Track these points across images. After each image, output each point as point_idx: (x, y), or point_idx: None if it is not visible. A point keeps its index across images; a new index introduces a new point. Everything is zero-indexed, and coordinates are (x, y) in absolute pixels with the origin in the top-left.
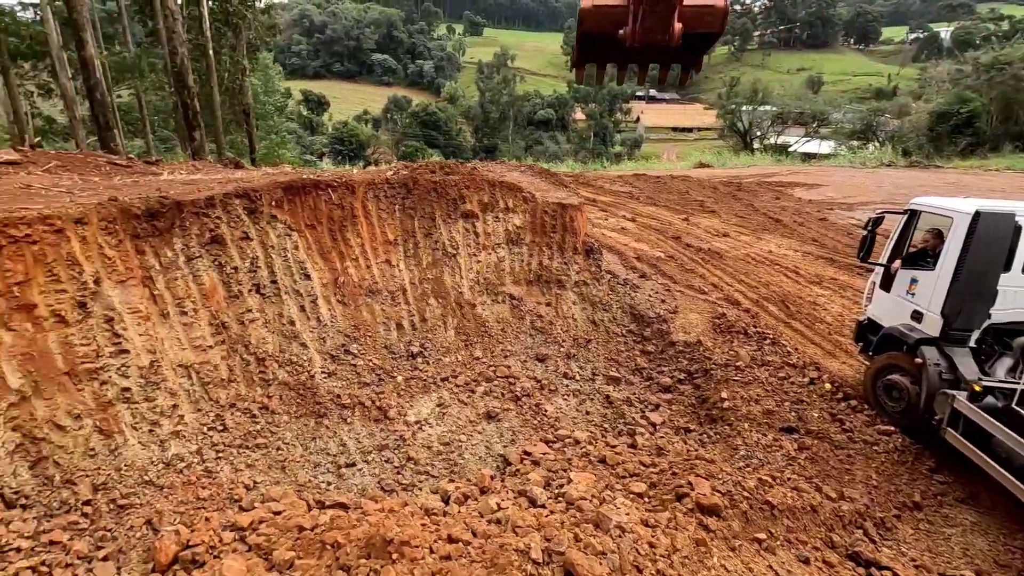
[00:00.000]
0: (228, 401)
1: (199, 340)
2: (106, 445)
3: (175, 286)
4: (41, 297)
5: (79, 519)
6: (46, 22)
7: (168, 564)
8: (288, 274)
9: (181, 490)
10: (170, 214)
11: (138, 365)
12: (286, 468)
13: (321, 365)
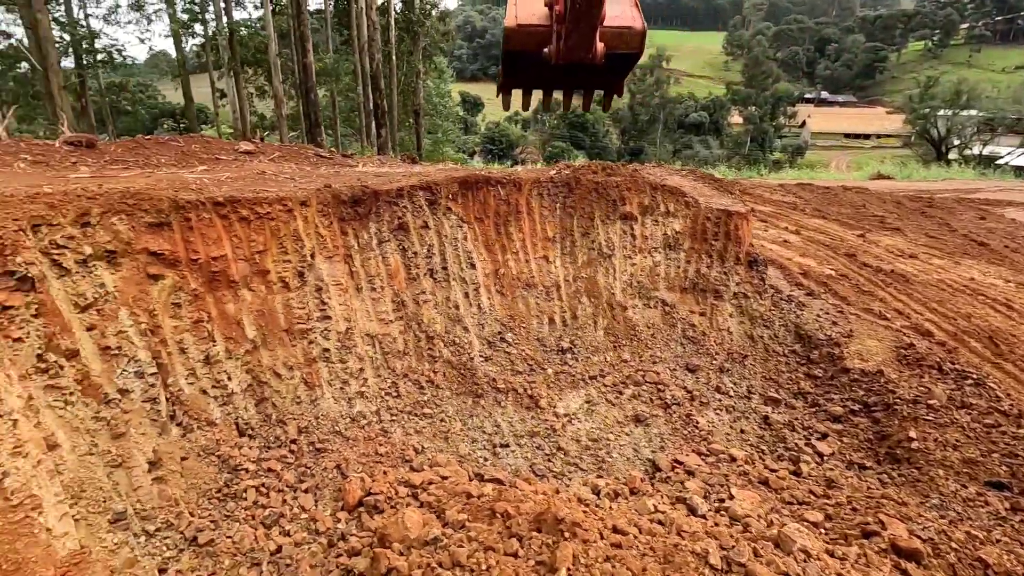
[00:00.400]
0: (402, 371)
1: (383, 314)
2: (309, 395)
3: (368, 265)
4: (273, 265)
5: (287, 454)
6: (268, 34)
7: (354, 505)
8: (457, 262)
9: (363, 444)
10: (369, 201)
11: (337, 331)
12: (448, 439)
13: (479, 349)
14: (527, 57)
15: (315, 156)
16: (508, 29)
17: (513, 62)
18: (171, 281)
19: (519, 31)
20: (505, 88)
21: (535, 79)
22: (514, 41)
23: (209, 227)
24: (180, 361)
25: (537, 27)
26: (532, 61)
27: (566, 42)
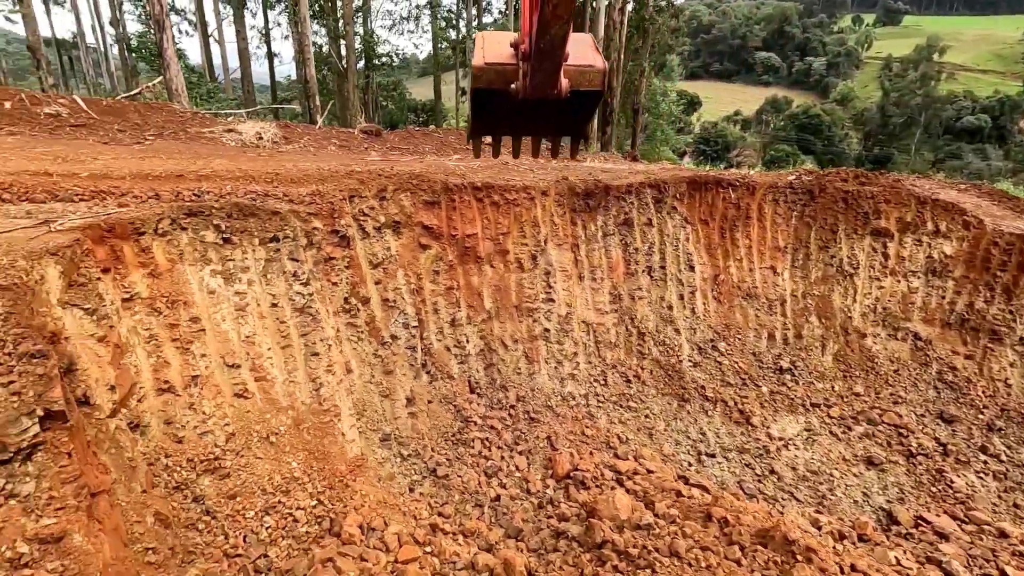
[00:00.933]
0: (612, 362)
1: (600, 304)
2: (528, 368)
3: (592, 256)
4: (512, 246)
5: (506, 416)
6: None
7: (562, 476)
8: (676, 263)
9: (571, 422)
10: (600, 195)
11: (558, 314)
12: (652, 436)
13: (688, 354)
14: (496, 96)
15: (547, 150)
16: (476, 67)
17: (482, 101)
18: (435, 251)
19: (487, 69)
20: (476, 134)
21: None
22: (483, 79)
23: (467, 208)
24: (433, 320)
25: (504, 65)
26: (501, 100)
27: (532, 79)
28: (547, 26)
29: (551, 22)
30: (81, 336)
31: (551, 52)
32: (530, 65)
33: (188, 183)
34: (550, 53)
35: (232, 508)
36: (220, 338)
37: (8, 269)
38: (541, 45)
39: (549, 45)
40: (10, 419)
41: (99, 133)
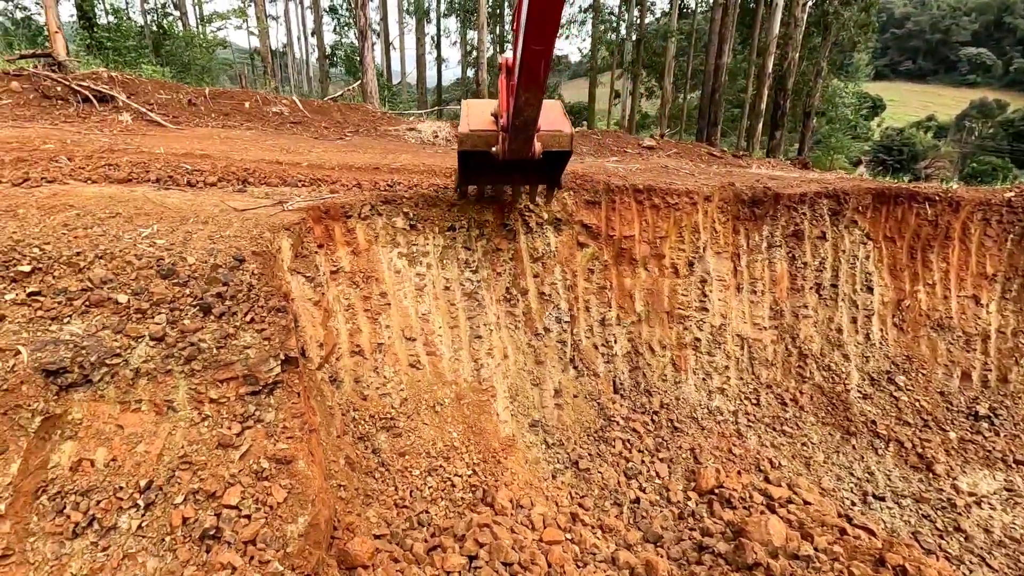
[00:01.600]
0: (767, 381)
1: (758, 319)
2: (674, 376)
3: (754, 267)
4: (669, 251)
5: (649, 421)
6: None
7: (705, 491)
8: (850, 282)
9: (716, 438)
10: (768, 204)
11: (711, 324)
12: (810, 466)
13: (858, 383)
14: (479, 156)
15: (708, 155)
16: (462, 134)
17: (467, 161)
18: (592, 250)
19: (471, 135)
20: (463, 184)
21: (487, 175)
22: (467, 143)
23: (627, 210)
24: (584, 317)
25: (486, 131)
26: (483, 157)
27: (510, 144)
28: (520, 111)
29: (524, 108)
30: (302, 299)
31: (524, 128)
32: (508, 135)
33: (383, 175)
34: (524, 129)
35: (402, 464)
36: (401, 313)
37: (259, 239)
38: (516, 123)
39: (523, 123)
40: (262, 359)
41: (311, 129)
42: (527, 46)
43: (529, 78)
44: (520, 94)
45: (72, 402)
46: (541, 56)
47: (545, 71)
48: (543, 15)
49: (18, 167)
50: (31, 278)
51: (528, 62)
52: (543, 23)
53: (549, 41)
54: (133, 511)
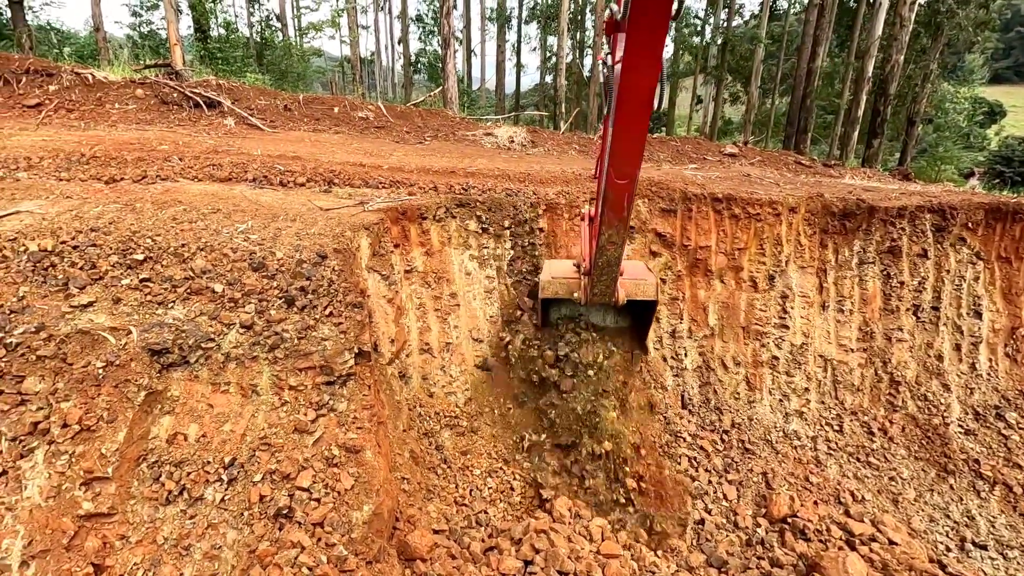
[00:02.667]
0: (851, 407)
1: (844, 340)
2: (747, 395)
3: (842, 284)
4: (747, 263)
5: (718, 440)
6: (759, 40)
7: (777, 519)
8: (955, 306)
9: (792, 464)
10: (861, 217)
11: (791, 342)
12: (898, 503)
13: (959, 416)
14: (560, 302)
15: (795, 163)
16: (544, 281)
17: (548, 307)
18: (665, 259)
19: (553, 281)
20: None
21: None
22: (549, 289)
23: (704, 219)
24: (654, 328)
25: (568, 278)
26: (565, 304)
27: (592, 288)
28: (603, 249)
29: (607, 246)
30: (377, 296)
31: (608, 268)
32: (590, 278)
33: (458, 178)
34: (607, 269)
35: (463, 463)
36: (470, 314)
37: (341, 237)
38: (599, 262)
39: (606, 263)
40: (338, 351)
41: (393, 134)
42: (611, 180)
43: (613, 213)
44: (603, 230)
45: (171, 380)
46: (625, 190)
47: (629, 206)
48: (627, 149)
49: (138, 166)
50: (143, 266)
51: (612, 196)
52: (627, 156)
53: (633, 175)
54: (218, 485)
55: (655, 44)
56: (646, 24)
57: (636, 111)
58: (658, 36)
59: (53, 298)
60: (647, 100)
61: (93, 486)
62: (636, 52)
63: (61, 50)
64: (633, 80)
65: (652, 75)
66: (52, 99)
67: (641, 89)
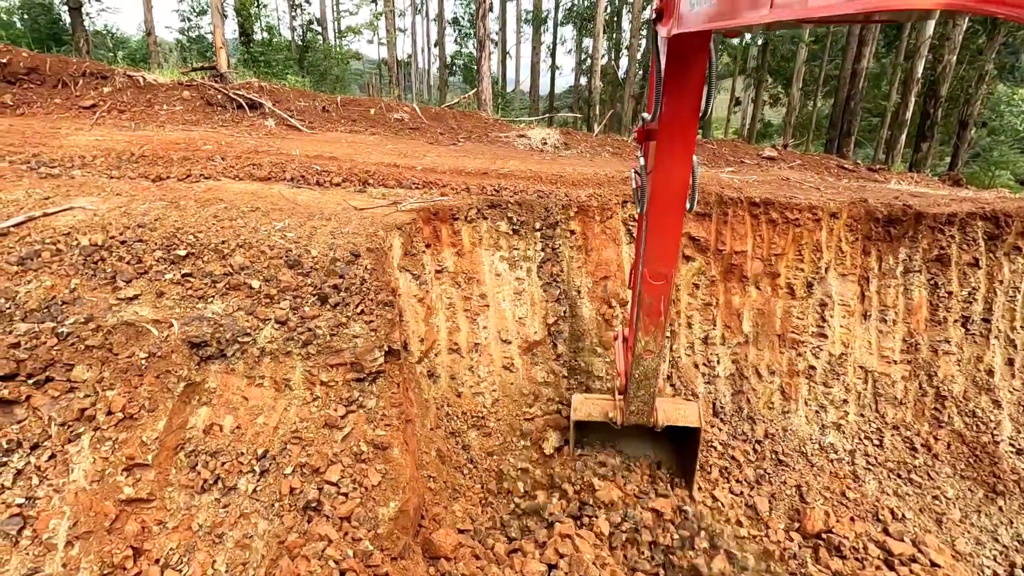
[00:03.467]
0: (893, 421)
1: (887, 351)
2: (782, 405)
3: (885, 293)
4: (785, 270)
5: (750, 451)
6: (800, 41)
7: (812, 534)
8: (1008, 318)
9: (828, 478)
10: (907, 224)
11: (829, 352)
12: (942, 523)
13: (1011, 436)
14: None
15: (837, 167)
16: (576, 400)
17: (582, 430)
18: (698, 264)
19: (587, 401)
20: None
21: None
22: (581, 411)
23: (740, 223)
24: (685, 333)
25: (602, 399)
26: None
27: (628, 406)
28: (640, 359)
29: (643, 355)
30: (408, 295)
31: (645, 381)
32: (625, 396)
33: (490, 179)
34: (644, 382)
35: (490, 464)
36: (499, 315)
37: (374, 236)
38: (636, 375)
39: (643, 376)
40: (368, 349)
41: (427, 135)
42: (646, 281)
43: (649, 317)
44: (639, 337)
45: (209, 372)
46: (661, 292)
47: (666, 309)
48: (662, 249)
49: (183, 165)
50: (185, 261)
51: (648, 298)
52: (663, 256)
53: (669, 275)
54: (250, 476)
55: (686, 147)
56: (678, 129)
57: (669, 213)
58: (688, 138)
59: (102, 290)
60: (680, 202)
61: (134, 472)
62: (668, 156)
63: (116, 54)
64: (665, 183)
65: (683, 178)
66: (106, 100)
67: (673, 192)
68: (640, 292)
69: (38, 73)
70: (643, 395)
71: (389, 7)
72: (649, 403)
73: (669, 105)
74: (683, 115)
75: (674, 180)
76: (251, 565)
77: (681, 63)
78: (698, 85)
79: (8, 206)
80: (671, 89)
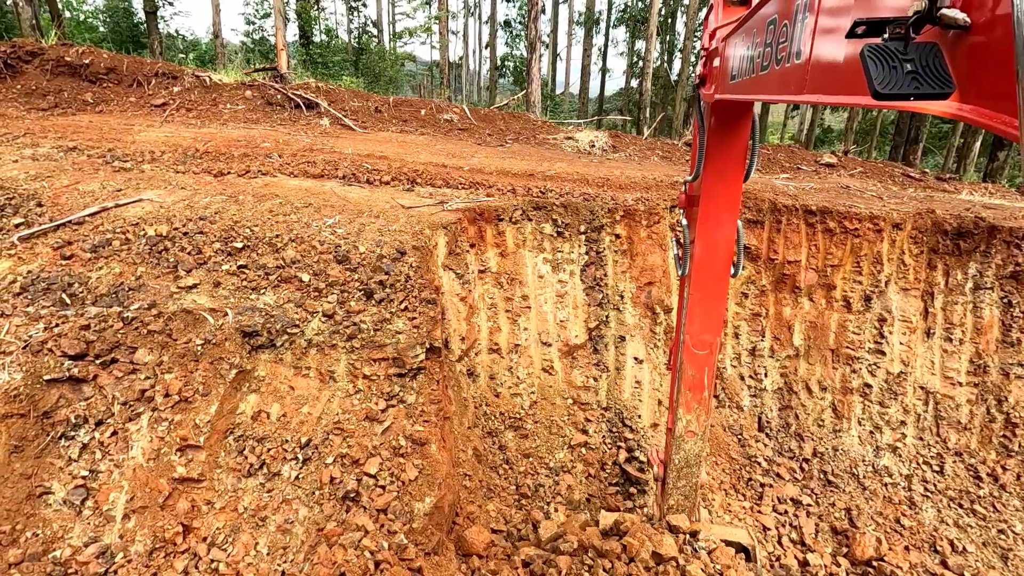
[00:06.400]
0: (956, 447)
1: (952, 372)
2: (832, 423)
3: (952, 310)
4: (841, 282)
5: (796, 468)
6: None
7: (860, 561)
8: None
9: (881, 503)
10: (979, 237)
11: (887, 370)
12: (1008, 559)
13: None
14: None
15: (903, 176)
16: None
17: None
18: (748, 273)
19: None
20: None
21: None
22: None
23: (794, 232)
24: (732, 344)
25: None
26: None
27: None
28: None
29: (685, 438)
30: (451, 294)
31: (687, 470)
32: (663, 485)
33: (536, 181)
34: (686, 471)
35: (526, 466)
36: (540, 317)
37: (420, 234)
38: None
39: (684, 463)
40: (410, 345)
41: (475, 136)
42: (687, 351)
43: (692, 392)
44: (680, 415)
45: (259, 361)
46: (704, 363)
47: (711, 383)
48: (707, 314)
49: (243, 161)
50: (241, 253)
51: (690, 370)
52: (707, 323)
53: (713, 344)
54: (293, 463)
55: (730, 211)
56: (722, 191)
57: (714, 278)
58: (733, 202)
59: (164, 278)
60: (725, 267)
61: (187, 452)
62: (712, 220)
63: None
64: (709, 248)
65: (728, 241)
66: (175, 99)
67: (718, 257)
68: (681, 363)
69: (116, 73)
70: (683, 486)
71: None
72: (691, 496)
73: (712, 168)
74: (727, 178)
75: (719, 244)
76: (291, 550)
77: (724, 127)
78: (742, 149)
79: (85, 196)
80: (714, 153)
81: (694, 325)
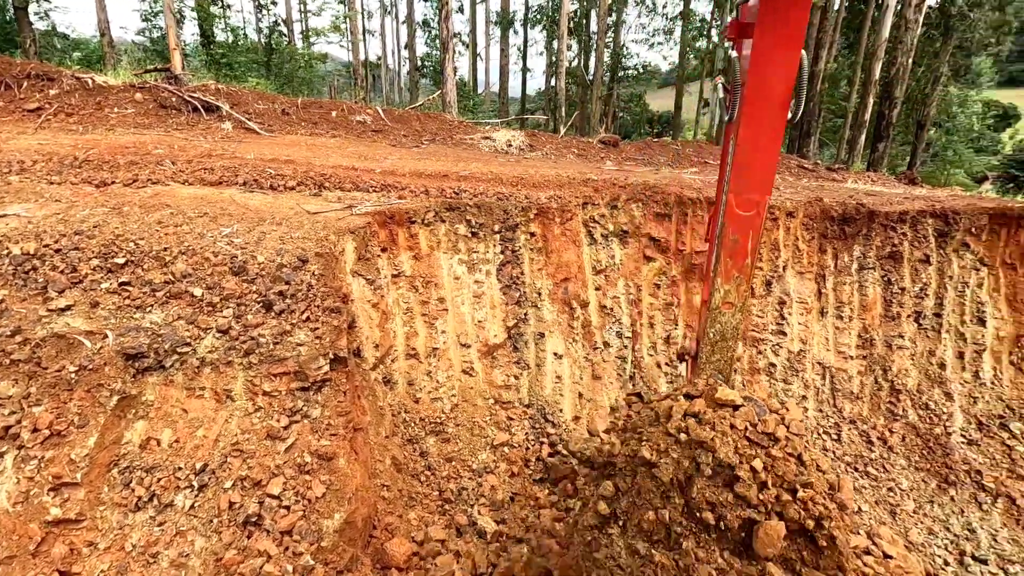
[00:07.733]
0: (850, 415)
1: (843, 347)
2: None
3: (841, 290)
4: None
5: None
6: None
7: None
8: (958, 312)
9: None
10: (860, 222)
11: (789, 349)
12: (896, 515)
13: (962, 427)
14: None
15: (797, 167)
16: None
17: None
18: (659, 264)
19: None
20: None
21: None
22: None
23: (700, 224)
24: (647, 334)
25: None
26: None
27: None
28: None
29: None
30: (362, 300)
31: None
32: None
33: (450, 182)
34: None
35: (449, 470)
36: (458, 319)
37: (324, 241)
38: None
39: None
40: (312, 356)
41: (389, 137)
42: (731, 211)
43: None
44: (717, 287)
45: (146, 385)
46: (750, 226)
47: (755, 250)
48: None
49: (130, 169)
50: (124, 269)
51: (733, 234)
52: (757, 178)
53: (762, 204)
54: (188, 491)
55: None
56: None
57: (768, 122)
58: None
59: (32, 301)
60: (782, 108)
61: (62, 491)
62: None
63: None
64: (764, 82)
65: (789, 75)
66: (52, 103)
67: (775, 93)
68: (722, 227)
69: None
70: (718, 360)
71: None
72: (726, 372)
73: None
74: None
75: (777, 77)
76: None
77: None
78: None
79: None
80: None
81: (741, 182)
